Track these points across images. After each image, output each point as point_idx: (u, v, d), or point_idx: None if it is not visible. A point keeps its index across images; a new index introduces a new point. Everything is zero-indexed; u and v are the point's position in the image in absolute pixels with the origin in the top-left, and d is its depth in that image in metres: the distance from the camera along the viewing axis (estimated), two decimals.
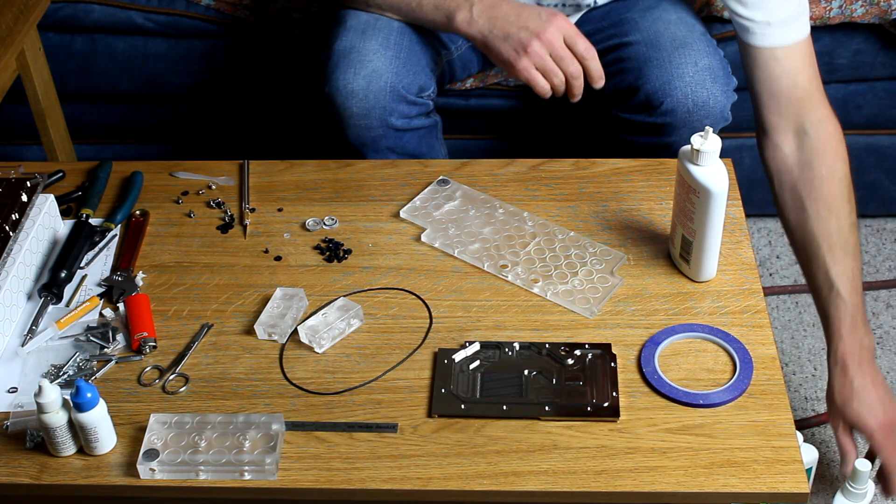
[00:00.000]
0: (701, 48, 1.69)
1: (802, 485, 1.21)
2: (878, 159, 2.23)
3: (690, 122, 1.68)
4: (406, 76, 1.69)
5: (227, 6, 2.08)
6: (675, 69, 1.67)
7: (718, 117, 1.69)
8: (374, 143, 1.73)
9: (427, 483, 1.24)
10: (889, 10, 1.99)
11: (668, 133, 1.70)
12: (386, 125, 1.70)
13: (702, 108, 1.67)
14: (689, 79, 1.66)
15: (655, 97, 1.67)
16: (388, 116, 1.69)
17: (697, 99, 1.66)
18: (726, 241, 1.47)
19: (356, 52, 1.68)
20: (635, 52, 1.71)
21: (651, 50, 1.70)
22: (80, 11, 2.10)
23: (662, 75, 1.67)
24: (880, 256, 2.26)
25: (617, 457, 1.25)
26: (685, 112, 1.67)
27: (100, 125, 2.28)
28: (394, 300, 1.46)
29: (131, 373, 1.38)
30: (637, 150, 1.76)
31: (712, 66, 1.68)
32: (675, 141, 1.70)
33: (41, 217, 1.52)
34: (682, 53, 1.68)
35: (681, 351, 1.37)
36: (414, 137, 1.77)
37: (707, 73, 1.67)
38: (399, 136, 1.74)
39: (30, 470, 1.27)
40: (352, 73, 1.67)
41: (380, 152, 1.75)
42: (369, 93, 1.67)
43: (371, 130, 1.71)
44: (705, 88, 1.67)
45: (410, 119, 1.74)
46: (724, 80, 1.70)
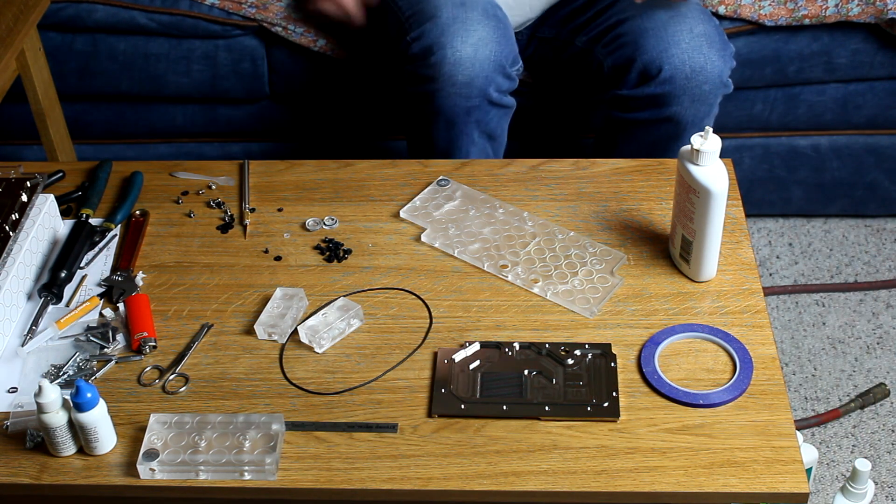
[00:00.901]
0: (695, 16, 1.70)
1: (802, 485, 1.21)
2: (878, 159, 2.23)
3: (690, 89, 1.69)
4: (506, 46, 1.72)
5: (231, 5, 2.08)
6: (671, 37, 1.68)
7: (717, 82, 1.70)
8: (466, 113, 1.74)
9: (427, 483, 1.24)
10: (885, 9, 1.99)
11: (669, 103, 1.71)
12: (483, 95, 1.73)
13: (700, 74, 1.68)
14: (685, 45, 1.68)
15: (653, 66, 1.68)
16: (487, 87, 1.72)
17: (695, 64, 1.68)
18: (726, 241, 1.47)
19: (460, 21, 1.70)
20: (631, 27, 1.73)
21: (646, 21, 1.71)
22: (83, 11, 2.10)
23: (659, 44, 1.68)
24: (880, 256, 2.27)
25: (617, 457, 1.25)
26: (684, 78, 1.68)
27: (100, 125, 2.28)
28: (394, 300, 1.46)
29: (131, 373, 1.38)
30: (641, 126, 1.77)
31: (708, 32, 1.69)
32: (676, 111, 1.71)
33: (41, 217, 1.52)
34: (678, 21, 1.69)
35: (681, 351, 1.37)
36: (496, 115, 1.79)
37: (703, 39, 1.68)
38: (488, 110, 1.76)
39: (30, 470, 1.27)
40: (459, 41, 1.69)
41: (468, 125, 1.76)
42: (476, 61, 1.69)
43: (469, 100, 1.72)
44: (702, 54, 1.68)
45: (503, 94, 1.76)
46: (721, 45, 1.71)
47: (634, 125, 1.79)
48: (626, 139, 1.83)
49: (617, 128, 1.83)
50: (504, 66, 1.73)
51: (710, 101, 1.73)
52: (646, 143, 1.80)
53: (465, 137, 1.78)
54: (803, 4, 2.00)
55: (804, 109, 2.16)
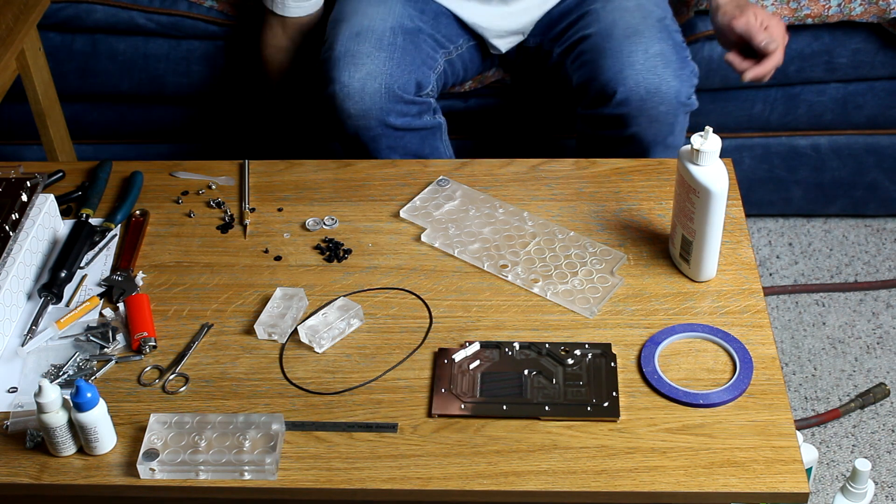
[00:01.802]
0: (652, 34, 1.69)
1: (802, 485, 1.21)
2: (878, 159, 2.23)
3: (646, 110, 1.67)
4: (401, 76, 1.71)
5: (229, 7, 2.08)
6: (626, 58, 1.67)
7: (674, 102, 1.68)
8: (374, 142, 1.75)
9: (427, 483, 1.24)
10: (888, 9, 1.99)
11: (629, 124, 1.70)
12: (384, 125, 1.73)
13: (655, 95, 1.67)
14: (639, 66, 1.66)
15: (609, 87, 1.68)
16: (385, 116, 1.72)
17: (650, 85, 1.66)
18: (726, 241, 1.47)
19: (350, 55, 1.72)
20: (591, 45, 1.72)
21: (605, 41, 1.70)
22: (82, 12, 2.10)
23: (614, 65, 1.67)
24: (880, 256, 2.27)
25: (617, 457, 1.25)
26: (639, 100, 1.67)
27: (100, 125, 2.28)
28: (394, 300, 1.46)
29: (131, 373, 1.38)
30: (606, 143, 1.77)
31: (664, 51, 1.68)
32: (636, 131, 1.70)
33: (41, 217, 1.52)
34: (634, 41, 1.68)
35: (681, 351, 1.37)
36: (416, 138, 1.78)
37: (658, 59, 1.67)
38: (400, 135, 1.75)
39: (30, 470, 1.27)
40: (346, 76, 1.71)
41: (381, 152, 1.77)
42: (365, 94, 1.71)
43: (370, 130, 1.73)
44: (656, 74, 1.66)
45: (411, 118, 1.75)
46: (678, 63, 1.69)
47: (601, 141, 1.79)
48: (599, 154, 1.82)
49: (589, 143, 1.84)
50: (401, 95, 1.73)
51: (668, 120, 1.71)
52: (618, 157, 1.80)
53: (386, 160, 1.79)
54: (806, 4, 2.00)
55: (804, 109, 2.16)
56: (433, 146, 1.83)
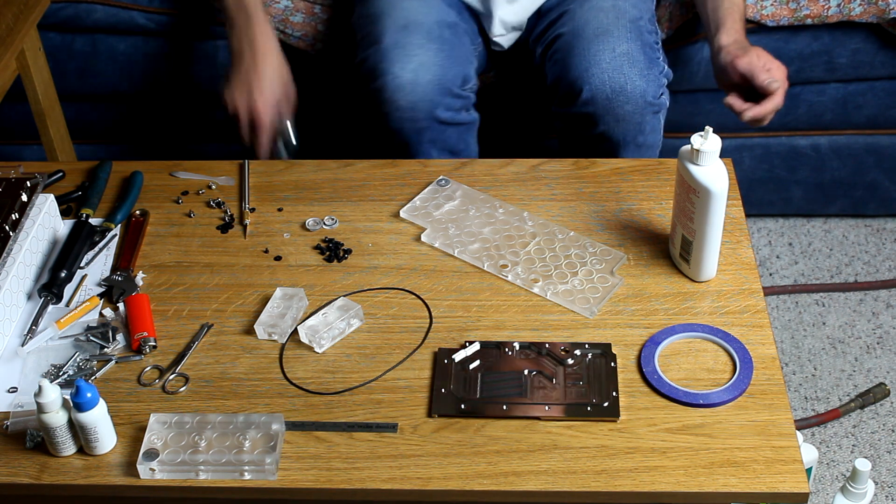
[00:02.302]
0: (621, 34, 1.69)
1: (802, 485, 1.21)
2: (878, 159, 2.23)
3: (612, 109, 1.68)
4: (451, 68, 1.71)
5: None
6: (592, 56, 1.67)
7: (640, 102, 1.68)
8: (418, 135, 1.75)
9: (427, 483, 1.24)
10: (887, 9, 1.99)
11: (596, 122, 1.71)
12: (432, 118, 1.73)
13: (620, 94, 1.67)
14: (605, 65, 1.67)
15: (575, 86, 1.68)
16: (434, 109, 1.72)
17: (615, 85, 1.67)
18: (726, 241, 1.47)
19: (401, 47, 1.71)
20: (563, 43, 1.73)
21: (574, 39, 1.71)
22: (82, 11, 2.10)
23: (581, 64, 1.68)
24: (880, 256, 2.27)
25: (617, 457, 1.25)
26: (605, 99, 1.67)
27: (100, 125, 2.28)
28: (394, 300, 1.46)
29: (131, 373, 1.38)
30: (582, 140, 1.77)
31: (631, 51, 1.68)
32: (604, 130, 1.71)
33: (41, 217, 1.52)
34: (601, 41, 1.68)
35: (681, 351, 1.37)
36: (455, 132, 1.79)
37: (625, 59, 1.67)
38: (442, 129, 1.76)
39: (30, 470, 1.27)
40: (399, 68, 1.70)
41: (422, 145, 1.77)
42: (417, 86, 1.70)
43: (417, 123, 1.73)
44: (622, 74, 1.67)
45: (456, 112, 1.76)
46: (645, 63, 1.69)
47: (574, 139, 1.80)
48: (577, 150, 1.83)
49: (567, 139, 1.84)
50: (450, 88, 1.73)
51: (636, 119, 1.72)
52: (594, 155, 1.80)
53: (423, 155, 1.79)
54: (805, 4, 2.00)
55: (804, 109, 2.16)
56: (467, 142, 1.84)
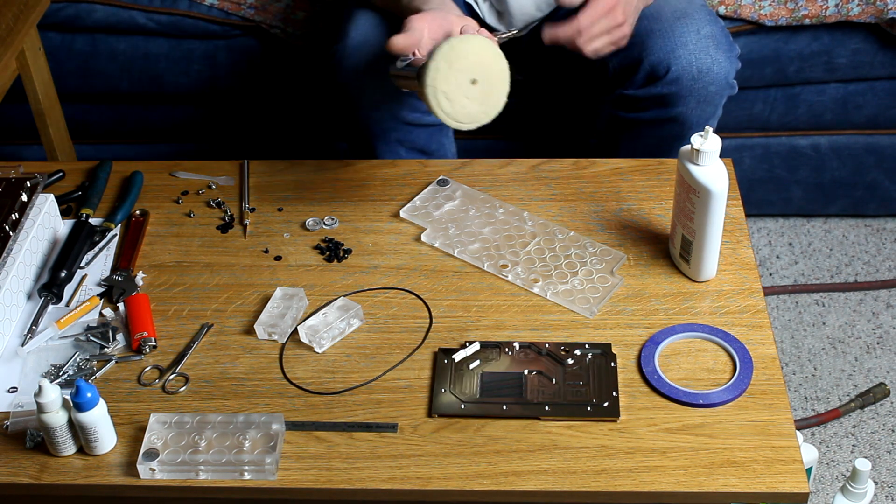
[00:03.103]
0: (702, 17, 1.71)
1: (802, 485, 1.21)
2: (878, 159, 2.23)
3: (696, 90, 1.69)
4: None
5: (230, 5, 2.08)
6: (678, 38, 1.69)
7: (723, 83, 1.71)
8: (384, 134, 1.74)
9: (427, 483, 1.24)
10: (885, 9, 1.99)
11: (675, 103, 1.71)
12: (396, 118, 1.72)
13: (706, 75, 1.69)
14: (692, 46, 1.68)
15: (661, 66, 1.69)
16: (398, 109, 1.71)
17: (702, 66, 1.68)
18: (726, 241, 1.47)
19: (368, 45, 1.70)
20: (637, 27, 1.73)
21: (653, 22, 1.72)
22: (82, 11, 2.10)
23: (666, 45, 1.69)
24: (880, 256, 2.27)
25: (617, 457, 1.25)
26: (690, 79, 1.69)
27: (100, 125, 2.28)
28: (394, 300, 1.46)
29: (131, 373, 1.38)
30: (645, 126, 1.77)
31: (714, 33, 1.70)
32: (681, 112, 1.72)
33: (41, 217, 1.52)
34: (684, 23, 1.70)
35: (681, 351, 1.37)
36: (424, 133, 1.78)
37: (710, 41, 1.69)
38: (409, 129, 1.75)
39: (30, 470, 1.27)
40: (362, 66, 1.69)
41: (389, 144, 1.76)
42: (379, 85, 1.68)
43: (381, 123, 1.72)
44: (709, 55, 1.69)
45: (420, 114, 1.75)
46: (727, 46, 1.72)
47: (639, 125, 1.80)
48: (630, 139, 1.83)
49: (621, 127, 1.83)
50: None
51: (715, 101, 1.74)
52: (649, 143, 1.80)
53: (391, 154, 1.78)
54: (804, 4, 2.00)
55: (804, 109, 2.16)
56: (439, 142, 1.83)
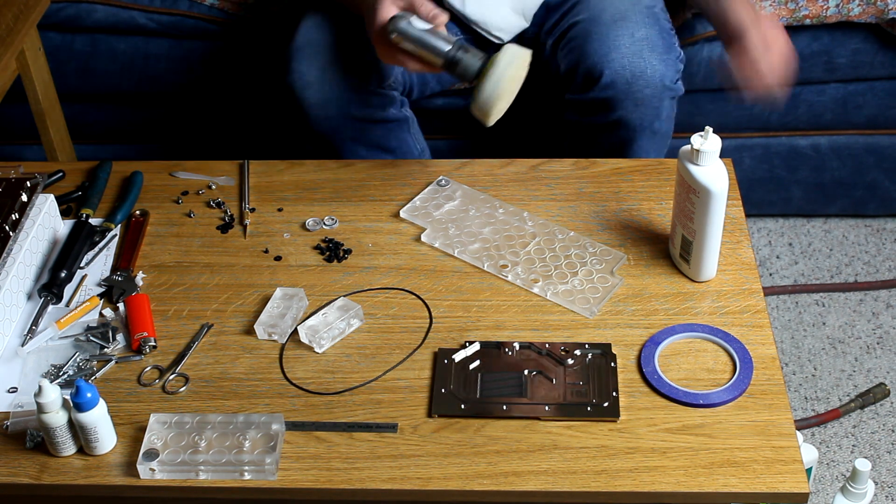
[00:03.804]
0: (639, 20, 1.71)
1: (802, 485, 1.21)
2: (878, 159, 2.23)
3: (632, 93, 1.70)
4: (362, 67, 1.71)
5: (230, 6, 2.08)
6: (612, 41, 1.69)
7: (659, 86, 1.71)
8: (335, 133, 1.75)
9: (427, 483, 1.24)
10: (886, 9, 1.99)
11: (614, 107, 1.72)
12: (345, 115, 1.73)
13: (640, 78, 1.69)
14: (625, 49, 1.69)
15: (595, 70, 1.70)
16: (346, 106, 1.72)
17: (635, 69, 1.69)
18: (726, 241, 1.47)
19: (313, 45, 1.71)
20: (580, 30, 1.74)
21: (592, 25, 1.73)
22: (83, 11, 2.10)
23: (600, 48, 1.70)
24: (880, 256, 2.27)
25: (617, 457, 1.25)
26: (624, 83, 1.69)
27: (100, 125, 2.28)
28: (394, 300, 1.46)
29: (131, 373, 1.38)
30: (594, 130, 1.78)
31: (650, 36, 1.70)
32: (622, 115, 1.73)
33: (41, 217, 1.52)
34: (620, 26, 1.70)
35: (681, 351, 1.37)
36: (381, 130, 1.79)
37: (644, 43, 1.69)
38: (362, 126, 1.76)
39: (30, 470, 1.27)
40: (306, 65, 1.70)
41: (344, 143, 1.77)
42: (325, 82, 1.70)
43: (330, 120, 1.73)
44: (642, 58, 1.69)
45: (373, 110, 1.75)
46: (664, 48, 1.71)
47: (587, 129, 1.80)
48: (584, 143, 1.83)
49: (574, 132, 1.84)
50: (363, 86, 1.72)
51: (654, 104, 1.73)
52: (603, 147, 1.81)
53: (348, 153, 1.78)
54: (804, 5, 2.00)
55: (804, 109, 2.16)
56: (400, 139, 1.83)
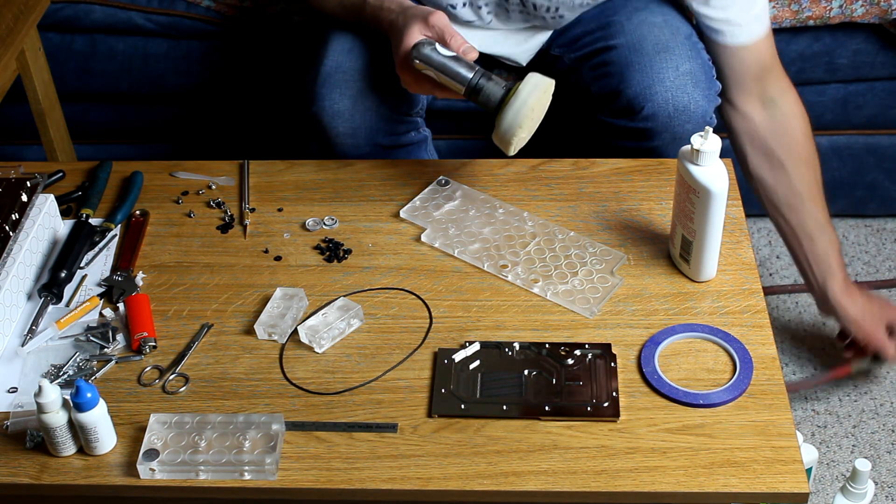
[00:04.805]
0: (683, 52, 1.68)
1: (802, 485, 1.21)
2: (878, 159, 2.23)
3: (672, 128, 1.67)
4: (392, 95, 1.68)
5: (226, 8, 2.08)
6: (655, 74, 1.66)
7: (700, 122, 1.68)
8: (359, 158, 1.73)
9: (427, 483, 1.24)
10: (889, 9, 1.99)
11: (651, 138, 1.70)
12: (373, 144, 1.71)
13: (683, 113, 1.66)
14: (669, 83, 1.66)
15: (637, 102, 1.67)
16: (375, 136, 1.70)
17: (678, 104, 1.66)
18: (726, 241, 1.47)
19: (342, 72, 1.68)
20: (618, 56, 1.71)
21: (633, 54, 1.70)
22: (81, 12, 2.10)
23: (643, 80, 1.67)
24: (880, 256, 2.27)
25: (617, 457, 1.25)
26: (666, 117, 1.66)
27: (100, 125, 2.28)
28: (394, 300, 1.46)
29: (131, 373, 1.38)
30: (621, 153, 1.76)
31: (693, 70, 1.67)
32: (657, 146, 1.71)
33: (41, 217, 1.52)
34: (664, 58, 1.67)
35: (681, 351, 1.37)
36: (402, 153, 1.77)
37: (688, 78, 1.66)
38: (387, 153, 1.74)
39: (30, 470, 1.27)
40: (338, 94, 1.67)
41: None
42: (356, 113, 1.67)
43: (358, 149, 1.71)
44: (686, 93, 1.66)
45: (399, 136, 1.74)
46: (706, 84, 1.69)
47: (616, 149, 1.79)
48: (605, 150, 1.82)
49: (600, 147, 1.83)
50: (391, 115, 1.70)
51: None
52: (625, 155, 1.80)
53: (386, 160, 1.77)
54: (807, 6, 2.00)
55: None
56: (418, 157, 1.82)
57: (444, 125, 2.15)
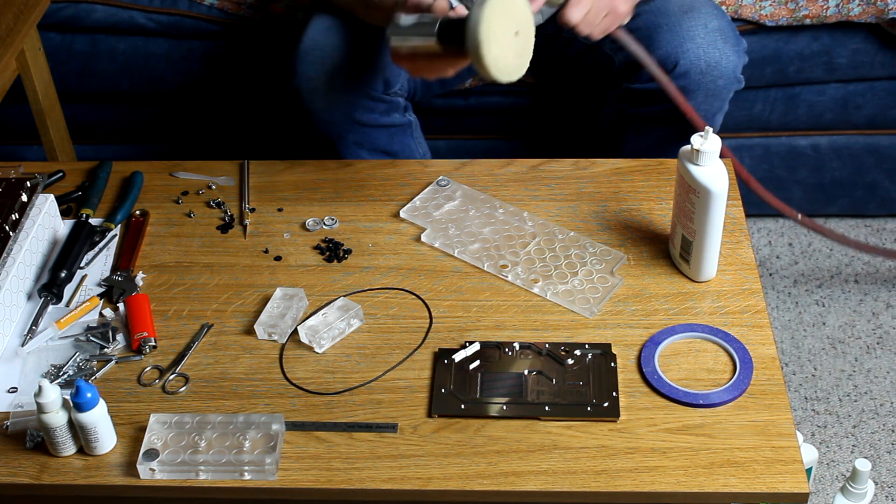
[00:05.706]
0: (709, 11, 1.71)
1: (802, 485, 1.21)
2: (878, 159, 2.23)
3: (705, 84, 1.69)
4: (367, 73, 1.70)
5: (231, 5, 2.08)
6: (685, 32, 1.68)
7: (731, 77, 1.70)
8: (340, 137, 1.75)
9: (427, 483, 1.24)
10: (886, 9, 1.99)
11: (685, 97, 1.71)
12: (351, 120, 1.73)
13: (715, 69, 1.68)
14: (700, 40, 1.68)
15: (669, 60, 1.68)
16: (352, 112, 1.72)
17: (710, 59, 1.68)
18: (726, 241, 1.47)
19: (318, 48, 1.70)
20: (644, 22, 1.72)
21: (659, 17, 1.71)
22: (82, 11, 2.10)
23: (673, 39, 1.68)
24: (880, 256, 2.26)
25: (617, 457, 1.25)
26: (699, 73, 1.68)
27: (100, 125, 2.28)
28: (394, 300, 1.46)
29: (131, 373, 1.38)
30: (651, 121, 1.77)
31: (722, 27, 1.70)
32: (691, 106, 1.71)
33: (41, 217, 1.52)
34: (692, 17, 1.69)
35: (681, 351, 1.37)
36: (384, 134, 1.78)
37: (718, 34, 1.69)
38: (366, 131, 1.76)
39: (30, 470, 1.27)
40: (314, 70, 1.70)
41: (347, 147, 1.77)
42: (331, 87, 1.70)
43: (335, 125, 1.73)
44: (717, 49, 1.68)
45: (378, 115, 1.75)
46: (735, 40, 1.71)
47: (647, 120, 1.79)
48: (636, 134, 1.82)
49: (627, 123, 1.83)
50: (368, 92, 1.72)
51: (723, 96, 1.74)
52: (657, 139, 1.80)
53: (350, 155, 1.78)
54: (804, 4, 2.00)
55: (804, 109, 2.16)
56: (403, 143, 1.83)
57: (444, 125, 2.15)
